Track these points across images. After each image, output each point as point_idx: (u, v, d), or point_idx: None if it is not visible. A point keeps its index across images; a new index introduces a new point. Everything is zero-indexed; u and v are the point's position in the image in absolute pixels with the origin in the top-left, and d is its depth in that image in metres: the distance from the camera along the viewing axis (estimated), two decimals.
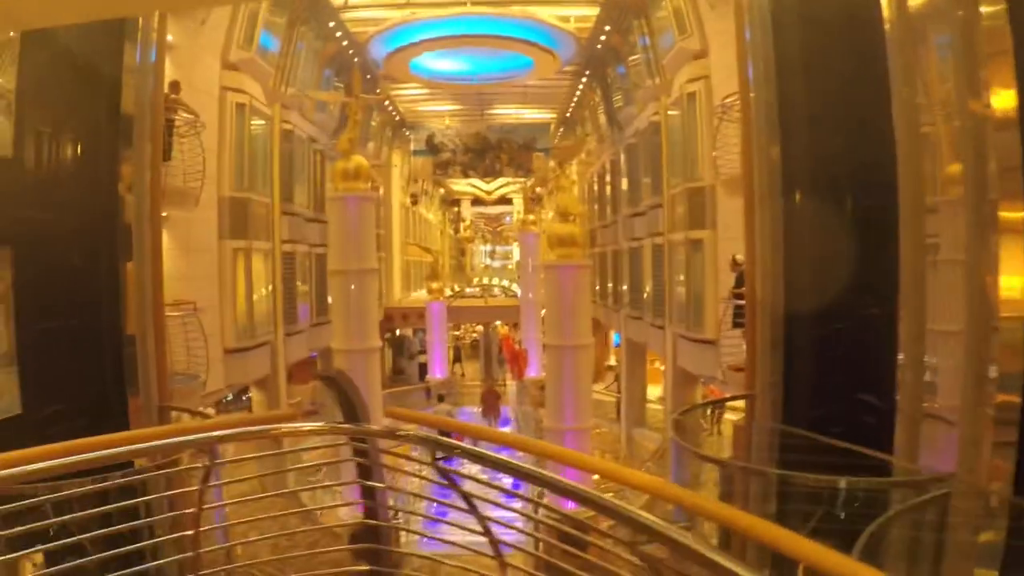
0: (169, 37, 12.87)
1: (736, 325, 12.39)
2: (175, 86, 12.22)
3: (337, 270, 13.44)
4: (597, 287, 28.24)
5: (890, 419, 6.79)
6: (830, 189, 8.26)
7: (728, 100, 12.59)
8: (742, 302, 11.85)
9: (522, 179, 36.07)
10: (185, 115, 12.22)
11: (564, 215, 13.03)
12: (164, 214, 13.02)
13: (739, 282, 12.40)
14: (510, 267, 70.29)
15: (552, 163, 13.27)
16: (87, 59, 8.90)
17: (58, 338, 8.32)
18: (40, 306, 8.29)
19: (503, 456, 3.46)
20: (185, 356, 12.41)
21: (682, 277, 17.23)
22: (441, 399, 23.35)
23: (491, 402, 24.66)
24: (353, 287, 13.07)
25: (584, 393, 13.19)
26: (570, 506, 4.34)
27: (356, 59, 22.22)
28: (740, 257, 12.82)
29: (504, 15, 19.45)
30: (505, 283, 59.74)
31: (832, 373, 7.95)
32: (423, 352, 33.62)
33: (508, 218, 67.57)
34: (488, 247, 73.11)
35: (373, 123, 29.72)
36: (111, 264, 8.96)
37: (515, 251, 72.27)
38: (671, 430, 9.14)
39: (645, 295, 21.77)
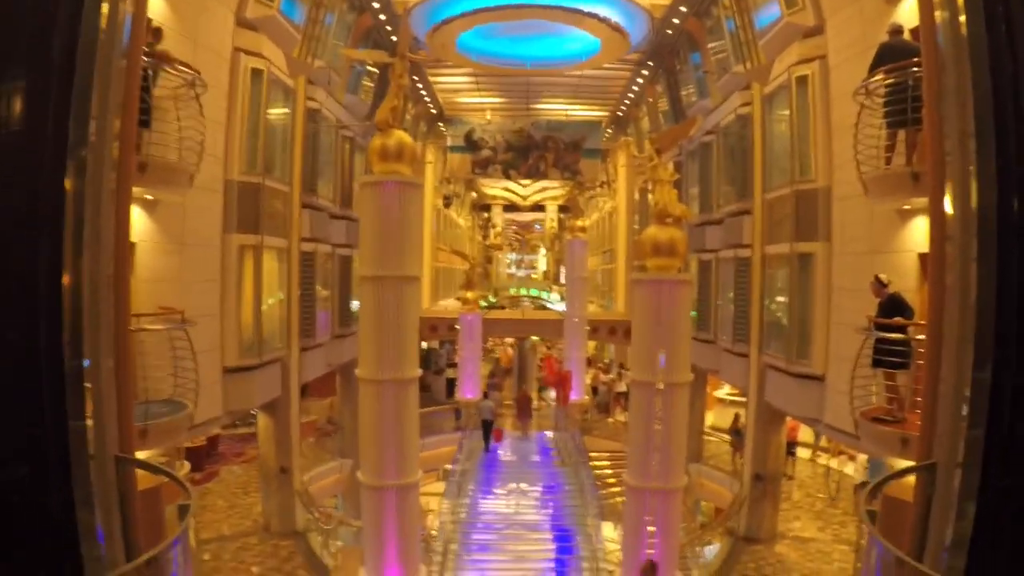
0: None
1: (878, 364, 9.59)
2: (156, 32, 9.50)
3: (369, 276, 10.35)
4: None
5: None
6: None
7: (875, 81, 9.77)
8: (890, 335, 9.16)
9: (568, 181, 33.20)
10: (181, 71, 9.47)
11: (662, 216, 10.09)
12: (150, 197, 10.38)
13: (888, 309, 9.59)
14: (534, 276, 68.01)
15: (649, 151, 10.38)
16: None
17: None
18: None
19: None
20: (172, 379, 9.75)
21: (782, 298, 14.28)
22: (486, 396, 24.28)
23: (524, 406, 26.21)
24: (389, 298, 10.13)
25: (679, 444, 10.29)
26: None
27: (393, 36, 19.48)
28: (885, 277, 10.04)
29: None
30: (534, 293, 57.16)
31: None
32: (451, 366, 31.41)
33: (539, 225, 64.98)
34: (515, 256, 70.75)
35: (408, 115, 26.98)
36: (54, 259, 6.24)
37: (540, 260, 70.29)
38: (865, 522, 6.27)
39: (715, 316, 18.91)
